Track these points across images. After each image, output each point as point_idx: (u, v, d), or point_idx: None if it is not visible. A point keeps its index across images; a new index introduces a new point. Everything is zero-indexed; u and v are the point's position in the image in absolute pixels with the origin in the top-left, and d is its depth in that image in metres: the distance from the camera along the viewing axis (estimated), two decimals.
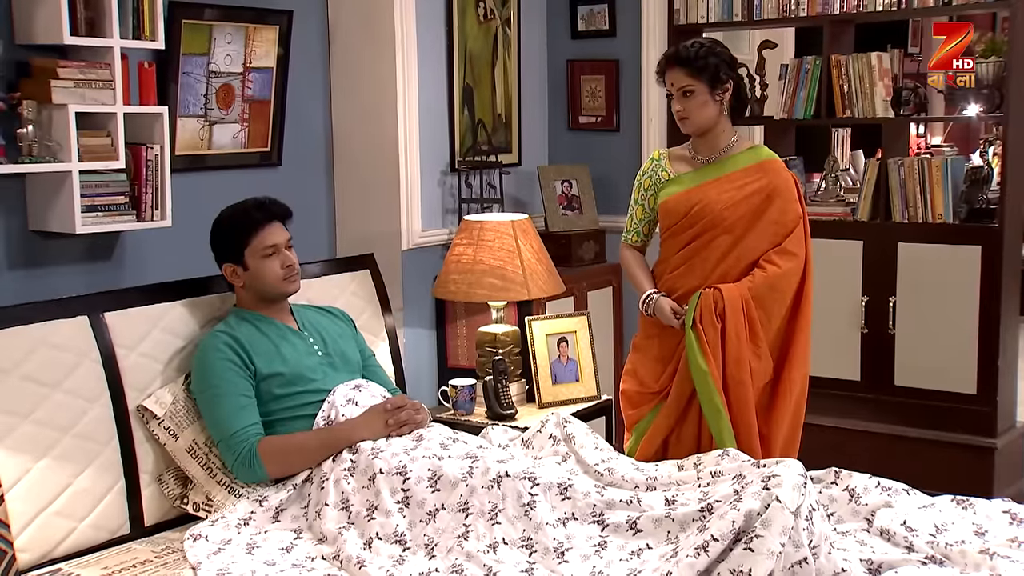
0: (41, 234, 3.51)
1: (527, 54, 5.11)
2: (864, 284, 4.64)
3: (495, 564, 2.62)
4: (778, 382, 3.36)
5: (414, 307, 4.55)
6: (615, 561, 2.60)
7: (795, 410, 3.39)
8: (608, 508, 2.74)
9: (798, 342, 3.37)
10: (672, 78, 3.33)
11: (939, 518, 2.81)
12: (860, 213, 4.65)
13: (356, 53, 4.48)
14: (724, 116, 3.37)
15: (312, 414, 3.15)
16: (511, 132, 5.06)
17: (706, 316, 3.26)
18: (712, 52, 3.31)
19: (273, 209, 3.33)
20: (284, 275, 3.25)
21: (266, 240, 3.24)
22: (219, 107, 4.07)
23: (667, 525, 2.65)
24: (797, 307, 3.37)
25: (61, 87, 3.36)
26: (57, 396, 2.93)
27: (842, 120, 4.70)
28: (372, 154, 4.49)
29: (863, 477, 2.98)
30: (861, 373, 4.69)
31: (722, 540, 2.45)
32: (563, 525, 2.72)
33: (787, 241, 3.33)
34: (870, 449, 4.53)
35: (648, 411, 3.41)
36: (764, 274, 3.30)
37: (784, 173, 3.39)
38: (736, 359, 3.26)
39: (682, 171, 3.42)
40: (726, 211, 3.30)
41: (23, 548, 2.81)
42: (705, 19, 4.88)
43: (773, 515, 2.45)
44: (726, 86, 3.33)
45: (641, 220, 3.51)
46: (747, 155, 3.40)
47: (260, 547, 2.84)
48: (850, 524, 2.87)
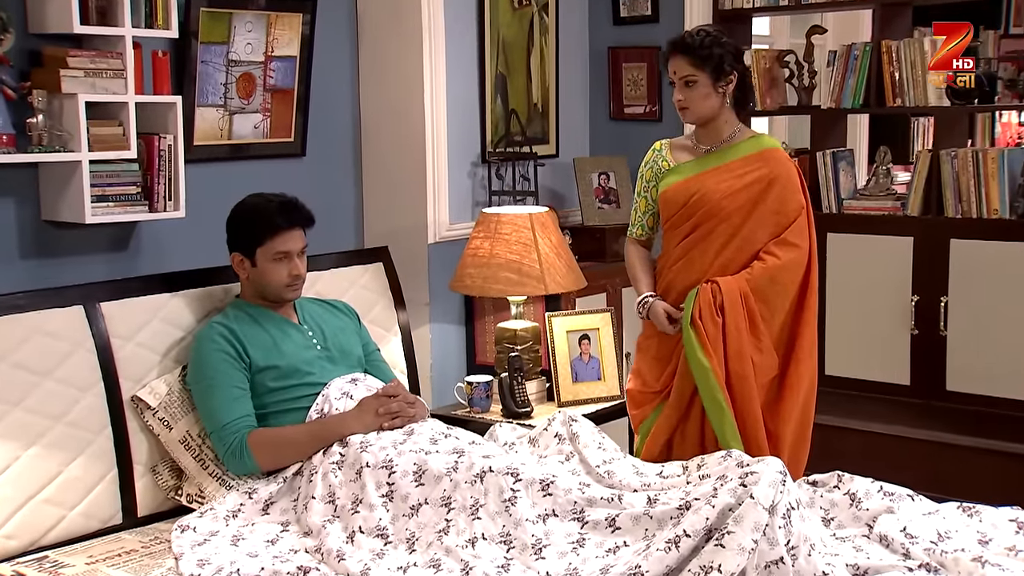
0: (53, 224, 3.67)
1: (566, 41, 5.16)
2: (914, 283, 4.60)
3: (472, 559, 2.71)
4: (784, 378, 3.39)
5: (441, 302, 4.63)
6: (591, 558, 2.68)
7: (804, 407, 3.41)
8: (589, 505, 2.82)
9: (804, 337, 3.39)
10: (675, 66, 3.37)
11: (943, 525, 2.82)
12: (910, 208, 4.61)
13: (384, 41, 4.58)
14: (727, 107, 3.42)
15: (306, 407, 3.26)
16: (548, 122, 5.12)
17: (705, 311, 3.29)
18: (717, 42, 3.35)
19: (297, 216, 3.41)
20: (288, 283, 3.36)
21: (281, 246, 3.34)
22: (239, 96, 4.20)
23: (645, 523, 2.72)
24: (802, 301, 3.39)
25: (71, 76, 3.50)
26: (48, 384, 3.08)
27: (892, 109, 4.65)
28: (399, 145, 4.59)
29: (865, 481, 2.99)
30: (911, 377, 4.65)
31: (694, 536, 2.52)
32: (543, 521, 2.80)
33: (788, 232, 3.36)
34: (918, 457, 4.49)
35: (651, 411, 3.46)
36: (764, 266, 3.33)
37: (786, 162, 3.42)
38: (737, 353, 3.29)
39: (683, 160, 3.47)
40: (724, 200, 3.34)
41: (10, 535, 2.96)
42: (751, 3, 4.87)
43: (746, 511, 2.50)
44: (730, 78, 3.38)
45: (645, 213, 3.57)
46: (748, 144, 3.43)
47: (245, 539, 2.95)
48: (851, 530, 2.89)
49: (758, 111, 4.94)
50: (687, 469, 3.05)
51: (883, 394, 4.69)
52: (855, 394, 4.76)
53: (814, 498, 3.02)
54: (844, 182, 4.79)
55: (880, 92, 4.64)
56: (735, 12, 4.92)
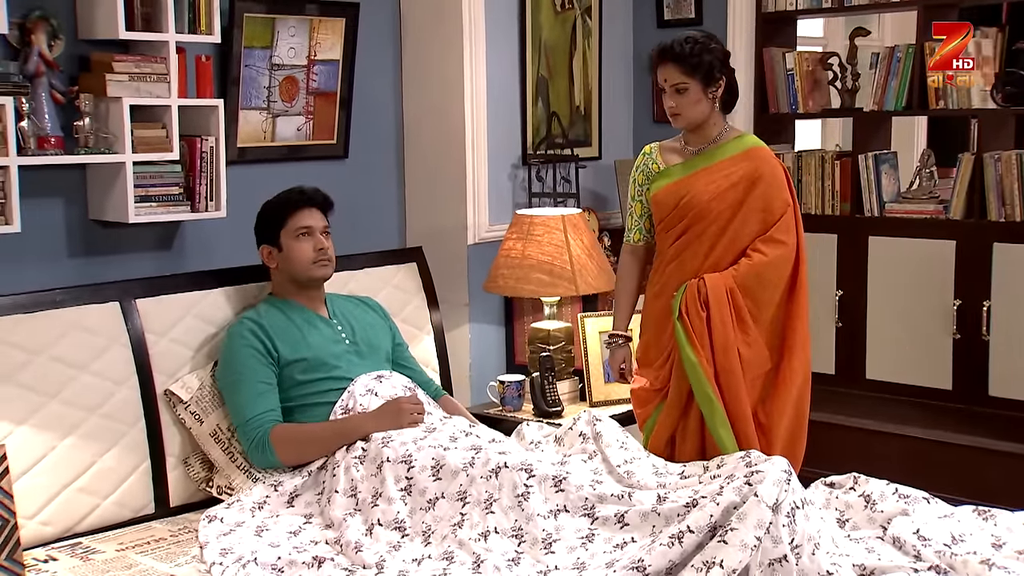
0: (100, 223, 3.83)
1: (609, 44, 5.23)
2: (956, 286, 4.60)
3: (484, 552, 2.81)
4: (777, 373, 3.45)
5: (481, 302, 4.72)
6: (599, 553, 2.77)
7: (797, 402, 3.46)
8: (600, 502, 2.90)
9: (796, 331, 3.44)
10: (665, 74, 3.46)
11: (957, 528, 2.85)
12: (953, 211, 4.61)
13: (426, 45, 4.69)
14: (715, 110, 3.51)
15: (333, 401, 3.38)
16: (591, 125, 5.20)
17: (691, 306, 3.37)
18: (707, 49, 3.43)
19: (313, 196, 3.58)
20: (315, 258, 3.48)
21: (301, 221, 3.50)
22: (282, 99, 4.34)
23: (653, 520, 2.79)
24: (791, 297, 3.44)
25: (116, 80, 3.65)
26: (85, 378, 3.24)
27: (935, 112, 4.66)
28: (439, 147, 4.70)
29: (880, 483, 3.03)
30: (952, 382, 4.65)
31: (698, 532, 2.59)
32: (554, 517, 2.88)
33: (774, 229, 3.42)
34: (958, 463, 4.47)
35: (653, 409, 3.53)
36: (750, 262, 3.40)
37: (771, 160, 3.50)
38: (724, 347, 3.36)
39: (672, 163, 3.56)
40: (713, 201, 3.42)
41: (46, 522, 3.11)
42: (794, 5, 4.91)
43: (749, 508, 2.58)
44: (719, 83, 3.46)
45: (641, 217, 3.65)
46: (734, 144, 3.52)
47: (269, 530, 3.08)
48: (865, 531, 2.94)
49: (800, 113, 4.97)
50: (707, 469, 3.12)
51: (924, 399, 4.69)
52: (896, 398, 4.78)
53: (830, 499, 3.07)
54: (887, 185, 4.80)
55: (923, 94, 4.65)
56: (778, 14, 4.96)
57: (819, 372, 4.94)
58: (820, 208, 4.92)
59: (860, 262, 4.83)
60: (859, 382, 4.89)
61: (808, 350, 3.49)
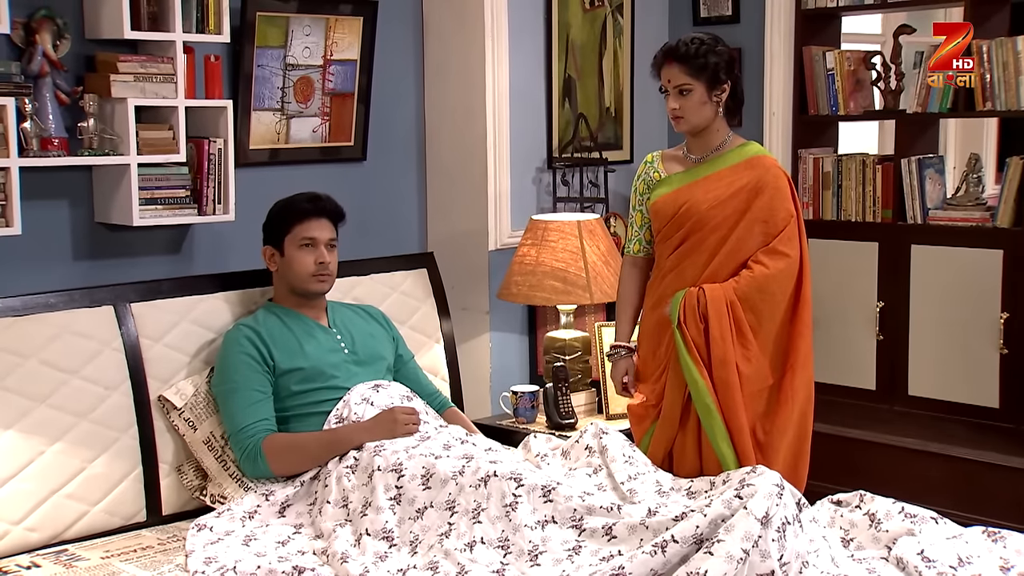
0: (106, 226, 3.92)
1: (642, 43, 5.24)
2: (1003, 299, 4.55)
3: (468, 563, 2.87)
4: (779, 391, 3.45)
5: (503, 310, 4.76)
6: (585, 565, 2.81)
7: (800, 420, 3.46)
8: (588, 513, 2.95)
9: (798, 349, 3.44)
10: (669, 75, 3.48)
11: (964, 550, 2.85)
12: (1000, 219, 4.56)
13: (448, 44, 4.75)
14: (719, 116, 3.53)
15: (329, 411, 3.44)
16: (621, 127, 5.22)
17: (689, 316, 3.38)
18: (712, 51, 3.44)
19: (325, 205, 3.63)
20: (315, 271, 3.54)
21: (307, 231, 3.56)
22: (297, 100, 4.42)
23: (640, 532, 2.84)
24: (795, 312, 3.44)
25: (121, 81, 3.74)
26: (75, 382, 3.34)
27: (982, 114, 4.61)
28: (460, 150, 4.75)
29: (887, 502, 3.03)
30: (1000, 399, 4.59)
31: (682, 543, 2.63)
32: (542, 528, 2.94)
33: (777, 241, 3.42)
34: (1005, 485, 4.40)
35: (649, 425, 3.53)
36: (751, 275, 3.40)
37: (774, 169, 3.50)
38: (721, 361, 3.37)
39: (674, 171, 3.58)
40: (713, 210, 3.42)
41: (32, 528, 3.21)
42: (835, 2, 4.88)
43: (737, 521, 2.62)
44: (724, 86, 3.47)
45: (641, 227, 3.68)
46: (736, 152, 3.53)
47: (258, 539, 3.15)
48: (869, 551, 2.94)
49: (841, 115, 4.94)
50: (714, 485, 3.14)
51: (970, 417, 4.64)
52: (940, 416, 4.73)
53: (835, 518, 3.07)
54: (931, 191, 4.76)
55: (969, 95, 4.60)
56: (818, 11, 4.94)
57: (858, 387, 4.95)
58: (860, 215, 4.89)
59: (902, 272, 4.78)
60: (901, 399, 4.84)
61: (811, 368, 3.49)
